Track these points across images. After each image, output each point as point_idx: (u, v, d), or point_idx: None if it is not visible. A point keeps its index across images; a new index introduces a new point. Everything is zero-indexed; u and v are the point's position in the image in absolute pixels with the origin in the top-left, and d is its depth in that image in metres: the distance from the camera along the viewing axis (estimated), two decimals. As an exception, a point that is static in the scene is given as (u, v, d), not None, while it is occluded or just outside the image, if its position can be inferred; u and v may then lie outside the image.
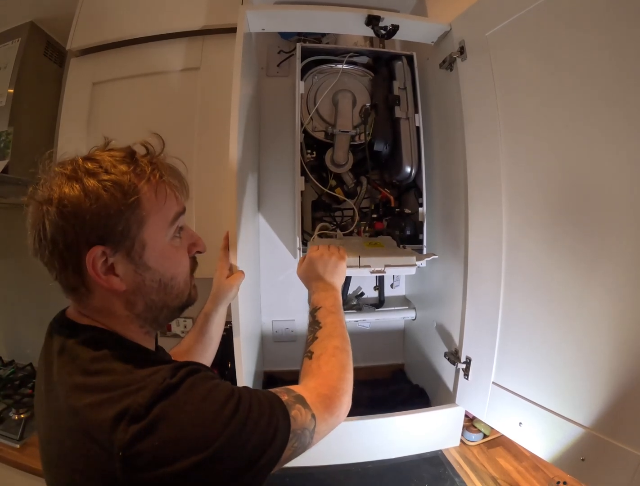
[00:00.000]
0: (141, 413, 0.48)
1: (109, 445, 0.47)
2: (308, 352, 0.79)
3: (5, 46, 1.53)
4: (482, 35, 1.10)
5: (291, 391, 0.65)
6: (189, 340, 0.99)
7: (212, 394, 0.54)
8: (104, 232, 0.55)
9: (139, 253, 0.59)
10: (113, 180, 0.55)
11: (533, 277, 1.02)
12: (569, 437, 0.93)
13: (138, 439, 0.47)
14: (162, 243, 0.62)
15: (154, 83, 1.38)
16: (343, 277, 0.99)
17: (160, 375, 0.53)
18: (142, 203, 0.58)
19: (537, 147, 0.99)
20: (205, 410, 0.52)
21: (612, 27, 0.79)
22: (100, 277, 0.56)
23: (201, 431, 0.50)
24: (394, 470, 1.23)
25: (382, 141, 1.37)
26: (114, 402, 0.49)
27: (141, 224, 0.58)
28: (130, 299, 0.60)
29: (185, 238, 0.68)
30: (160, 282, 0.62)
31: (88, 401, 0.51)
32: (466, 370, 1.23)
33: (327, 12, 1.21)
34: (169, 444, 0.48)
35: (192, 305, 0.71)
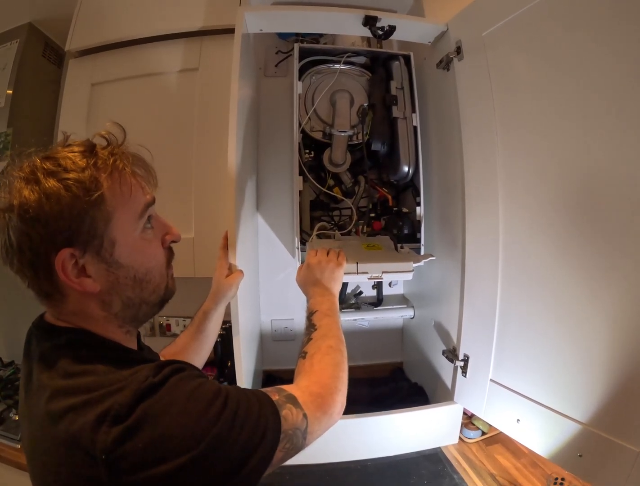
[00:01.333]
0: (123, 413, 0.46)
1: (92, 449, 0.45)
2: (302, 352, 0.78)
3: (4, 47, 1.53)
4: (479, 35, 1.10)
5: (282, 391, 0.63)
6: (184, 338, 0.99)
7: (198, 393, 0.52)
8: (69, 233, 0.52)
9: (109, 251, 0.56)
10: (73, 178, 0.52)
11: (530, 275, 1.02)
12: (566, 434, 0.94)
13: (121, 441, 0.45)
14: (133, 238, 0.59)
15: (152, 84, 1.39)
16: (340, 283, 0.99)
17: (142, 373, 0.51)
18: (107, 198, 0.55)
19: (534, 147, 1.00)
20: (190, 409, 0.50)
21: (608, 26, 0.80)
22: (72, 280, 0.54)
23: (187, 431, 0.48)
24: (393, 468, 1.24)
25: (380, 141, 1.38)
26: (95, 404, 0.47)
27: (108, 220, 0.55)
28: (106, 299, 0.58)
29: (157, 229, 0.65)
30: (134, 278, 0.59)
31: (69, 404, 0.49)
32: (464, 368, 1.24)
33: (325, 13, 1.22)
34: (154, 445, 0.46)
35: (172, 297, 0.68)
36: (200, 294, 1.02)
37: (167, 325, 1.70)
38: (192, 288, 1.10)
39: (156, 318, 1.70)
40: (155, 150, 1.40)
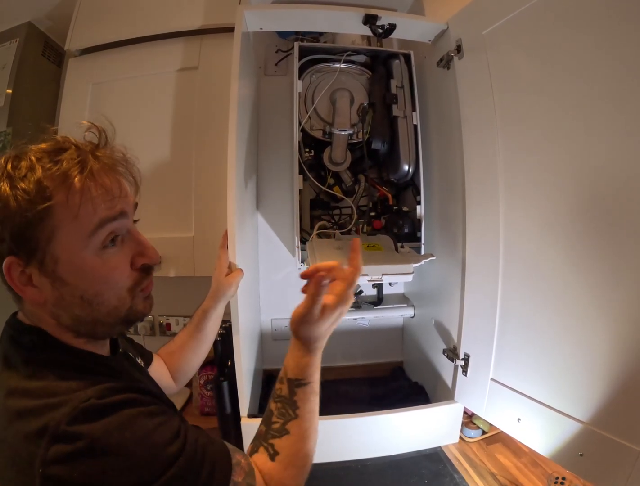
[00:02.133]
0: (60, 432, 0.45)
1: (32, 459, 0.44)
2: (270, 445, 0.64)
3: (4, 47, 1.53)
4: (479, 33, 1.10)
5: (250, 477, 0.57)
6: (183, 336, 0.99)
7: (151, 436, 0.49)
8: (12, 243, 0.51)
9: (52, 267, 0.53)
10: (22, 188, 0.50)
11: (531, 274, 1.02)
12: (567, 433, 0.93)
13: (58, 462, 0.44)
14: (80, 257, 0.54)
15: (152, 83, 1.38)
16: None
17: (86, 392, 0.48)
18: (54, 212, 0.51)
19: (534, 145, 0.99)
20: (138, 456, 0.47)
21: (609, 25, 0.80)
22: (18, 287, 0.53)
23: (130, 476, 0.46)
24: (393, 467, 1.24)
25: (380, 139, 1.38)
26: (37, 414, 0.47)
27: (50, 237, 0.51)
28: (54, 311, 0.55)
29: (128, 248, 0.59)
30: (82, 298, 0.55)
31: (19, 407, 0.48)
32: (465, 367, 1.23)
33: (325, 11, 1.22)
34: (90, 479, 0.44)
35: (142, 319, 0.64)
36: (200, 293, 1.02)
37: (167, 324, 1.70)
38: (192, 287, 1.10)
39: (156, 317, 1.70)
40: (155, 149, 1.40)
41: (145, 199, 1.27)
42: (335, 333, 0.74)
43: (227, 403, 1.28)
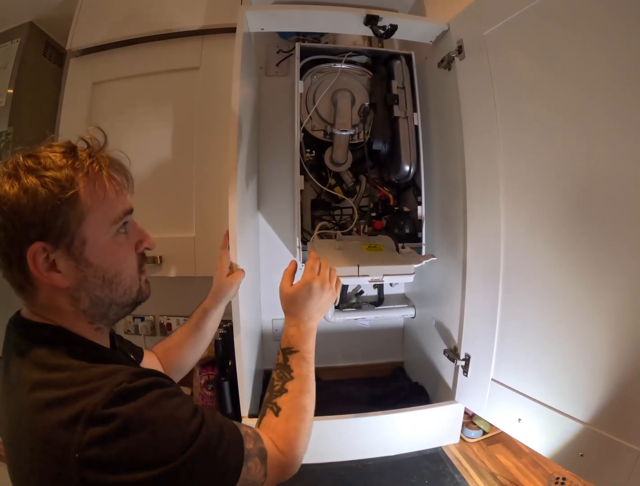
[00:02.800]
0: (97, 415, 0.48)
1: (66, 447, 0.47)
2: (274, 404, 0.74)
3: (5, 46, 1.53)
4: (480, 34, 1.10)
5: (259, 441, 0.65)
6: (181, 334, 0.99)
7: (176, 413, 0.54)
8: (42, 228, 0.55)
9: (79, 249, 0.58)
10: (51, 176, 0.55)
11: (531, 274, 1.02)
12: (567, 433, 0.94)
13: (95, 444, 0.47)
14: (104, 240, 0.61)
15: (153, 83, 1.39)
16: (324, 315, 0.91)
17: (118, 377, 0.52)
18: (81, 198, 0.57)
19: (535, 146, 0.99)
20: (168, 429, 0.52)
21: (609, 26, 0.80)
22: (42, 273, 0.56)
23: (161, 449, 0.50)
24: (394, 467, 1.24)
25: (381, 140, 1.38)
26: (70, 401, 0.49)
27: (80, 219, 0.57)
28: (75, 295, 0.60)
29: (132, 235, 0.67)
30: (103, 278, 0.61)
31: (47, 398, 0.51)
32: (465, 367, 1.24)
33: (326, 12, 1.22)
34: (126, 456, 0.48)
35: (145, 301, 0.70)
36: (201, 293, 1.02)
37: (167, 324, 1.70)
38: (193, 287, 1.11)
39: (157, 317, 1.71)
40: (157, 149, 1.40)
41: (147, 199, 1.28)
42: (336, 334, 0.78)
43: (228, 403, 1.28)
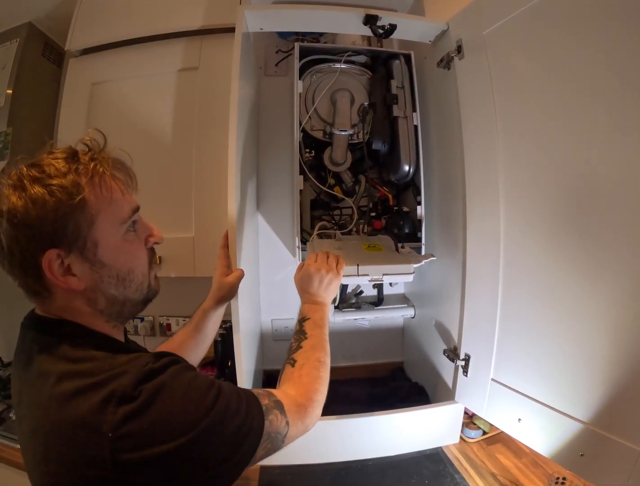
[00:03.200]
0: (127, 394, 0.50)
1: (99, 428, 0.48)
2: (291, 359, 0.82)
3: (4, 47, 1.53)
4: (480, 34, 1.10)
5: (272, 396, 0.68)
6: (182, 335, 0.99)
7: (195, 383, 0.57)
8: (54, 235, 0.56)
9: (93, 251, 0.59)
10: (57, 184, 0.55)
11: (531, 274, 1.02)
12: (567, 433, 0.94)
13: (127, 420, 0.49)
14: (115, 240, 0.62)
15: (152, 83, 1.39)
16: (335, 293, 1.00)
17: (142, 359, 0.56)
18: (89, 202, 0.58)
19: (535, 146, 0.99)
20: (189, 397, 0.55)
21: (609, 26, 0.80)
22: (58, 278, 0.57)
23: (185, 416, 0.53)
24: (394, 467, 1.24)
25: (380, 140, 1.38)
26: (100, 387, 0.51)
27: (91, 223, 0.58)
28: (91, 296, 0.61)
29: (140, 231, 0.68)
30: (117, 277, 0.63)
31: (75, 387, 0.52)
32: (465, 367, 1.23)
33: (325, 12, 1.22)
34: (156, 427, 0.50)
35: (155, 296, 0.72)
36: (200, 293, 1.02)
37: (167, 324, 1.70)
38: (192, 287, 1.10)
39: (156, 317, 1.71)
40: (156, 149, 1.40)
41: (146, 199, 1.27)
42: (336, 334, 0.81)
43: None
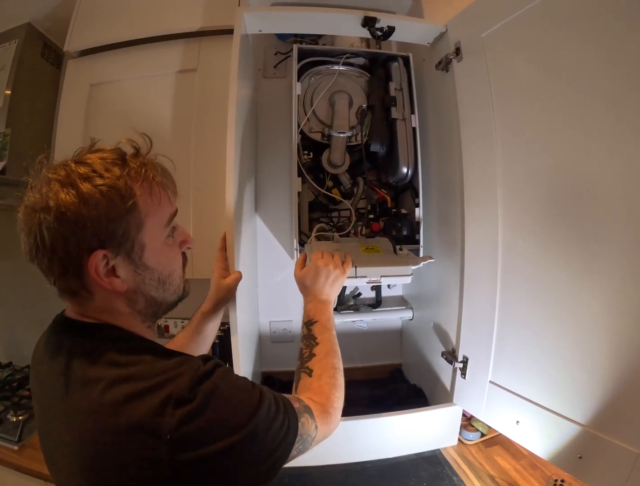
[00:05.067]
0: (185, 397, 0.51)
1: (157, 430, 0.49)
2: (306, 368, 0.82)
3: (3, 47, 1.53)
4: (478, 36, 1.10)
5: (301, 401, 0.70)
6: (182, 338, 0.99)
7: (240, 384, 0.60)
8: (105, 236, 0.56)
9: (139, 254, 0.60)
10: (109, 185, 0.56)
11: (529, 277, 1.02)
12: (566, 435, 0.94)
13: (185, 421, 0.50)
14: (160, 243, 0.64)
15: (151, 84, 1.39)
16: (339, 291, 1.01)
17: (194, 362, 0.57)
18: (139, 206, 0.59)
19: (533, 148, 0.99)
20: (238, 398, 0.57)
21: (607, 28, 0.80)
22: (103, 279, 0.57)
23: (236, 415, 0.55)
24: (392, 469, 1.23)
25: (379, 142, 1.38)
26: (156, 390, 0.52)
27: (140, 227, 0.59)
28: (132, 297, 0.62)
29: (177, 236, 0.70)
30: (159, 280, 0.64)
31: (128, 391, 0.52)
32: (463, 369, 1.23)
33: (324, 14, 1.22)
34: (211, 426, 0.52)
35: (186, 297, 0.74)
36: (199, 295, 1.01)
37: (165, 326, 1.69)
38: (191, 289, 1.10)
39: (155, 319, 1.70)
40: (154, 150, 1.39)
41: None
42: None
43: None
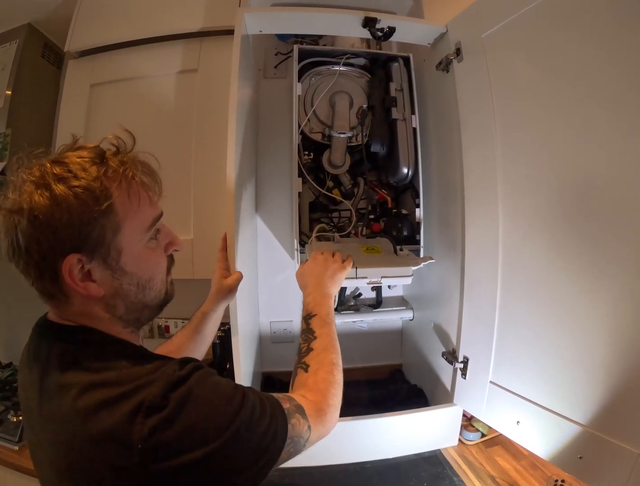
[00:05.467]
0: (157, 404, 0.49)
1: (128, 440, 0.47)
2: (303, 363, 0.79)
3: (3, 48, 1.53)
4: (478, 36, 1.10)
5: (292, 400, 0.67)
6: (181, 338, 0.98)
7: (220, 388, 0.57)
8: (78, 240, 0.53)
9: (115, 259, 0.57)
10: (83, 186, 0.53)
11: (530, 277, 1.02)
12: (566, 435, 0.94)
13: (157, 430, 0.48)
14: (139, 248, 0.61)
15: (151, 85, 1.39)
16: (339, 286, 1.00)
17: (169, 367, 0.54)
18: (116, 208, 0.56)
19: (533, 149, 0.99)
20: (215, 403, 0.54)
21: (607, 28, 0.80)
22: (78, 284, 0.55)
23: (213, 423, 0.52)
24: (392, 470, 1.23)
25: (379, 142, 1.38)
26: (128, 397, 0.50)
27: (116, 230, 0.56)
28: (110, 303, 0.59)
29: (161, 238, 0.67)
30: (138, 284, 0.61)
31: (100, 398, 0.50)
32: (464, 370, 1.23)
33: (324, 14, 1.22)
34: (185, 435, 0.49)
35: (170, 301, 0.70)
36: (199, 296, 1.02)
37: (165, 326, 1.70)
38: (191, 290, 1.10)
39: (155, 319, 1.70)
40: (154, 151, 1.39)
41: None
42: None
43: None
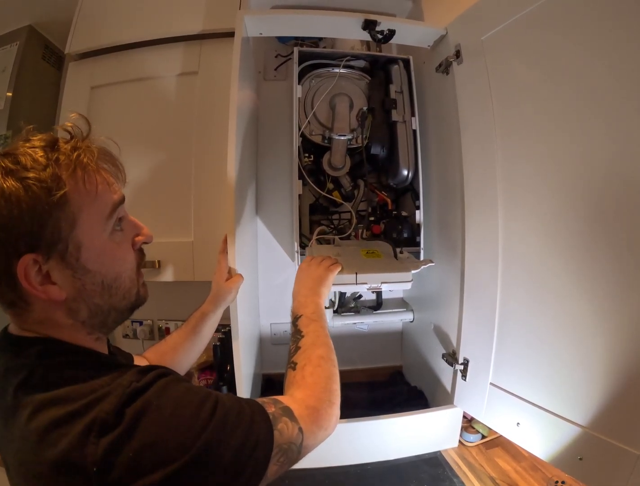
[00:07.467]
0: (110, 422, 0.44)
1: (82, 463, 0.43)
2: (291, 362, 0.75)
3: (4, 50, 1.53)
4: (478, 39, 1.11)
5: (278, 402, 0.61)
6: (177, 338, 0.98)
7: (186, 397, 0.51)
8: (31, 238, 0.48)
9: (75, 255, 0.52)
10: (33, 177, 0.48)
11: (529, 279, 1.02)
12: (566, 437, 0.94)
13: (112, 450, 0.43)
14: (101, 241, 0.55)
15: (152, 87, 1.39)
16: (329, 287, 0.96)
17: (125, 379, 0.49)
18: (71, 199, 0.50)
19: (533, 151, 1.00)
20: (180, 414, 0.48)
21: (607, 30, 0.80)
22: (36, 288, 0.50)
23: (176, 437, 0.46)
24: (392, 471, 1.23)
25: (379, 144, 1.38)
26: (80, 415, 0.45)
27: (73, 223, 0.51)
28: (73, 307, 0.54)
29: (127, 230, 0.61)
30: (102, 284, 0.56)
31: (52, 417, 0.46)
32: (464, 371, 1.23)
33: (324, 17, 1.22)
34: (145, 453, 0.44)
35: (143, 304, 0.64)
36: (199, 298, 1.02)
37: (166, 328, 1.69)
38: (191, 292, 1.10)
39: (155, 321, 1.70)
40: (154, 153, 1.40)
41: (145, 204, 1.28)
42: (334, 338, 0.83)
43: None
